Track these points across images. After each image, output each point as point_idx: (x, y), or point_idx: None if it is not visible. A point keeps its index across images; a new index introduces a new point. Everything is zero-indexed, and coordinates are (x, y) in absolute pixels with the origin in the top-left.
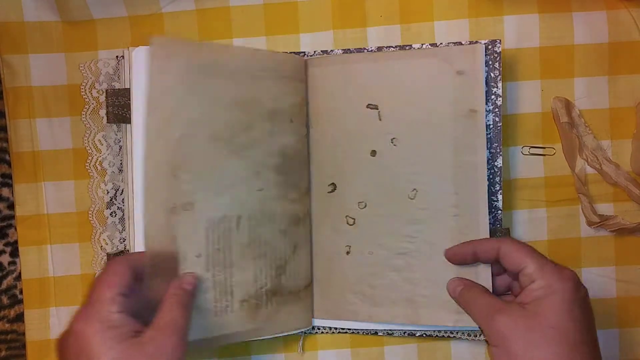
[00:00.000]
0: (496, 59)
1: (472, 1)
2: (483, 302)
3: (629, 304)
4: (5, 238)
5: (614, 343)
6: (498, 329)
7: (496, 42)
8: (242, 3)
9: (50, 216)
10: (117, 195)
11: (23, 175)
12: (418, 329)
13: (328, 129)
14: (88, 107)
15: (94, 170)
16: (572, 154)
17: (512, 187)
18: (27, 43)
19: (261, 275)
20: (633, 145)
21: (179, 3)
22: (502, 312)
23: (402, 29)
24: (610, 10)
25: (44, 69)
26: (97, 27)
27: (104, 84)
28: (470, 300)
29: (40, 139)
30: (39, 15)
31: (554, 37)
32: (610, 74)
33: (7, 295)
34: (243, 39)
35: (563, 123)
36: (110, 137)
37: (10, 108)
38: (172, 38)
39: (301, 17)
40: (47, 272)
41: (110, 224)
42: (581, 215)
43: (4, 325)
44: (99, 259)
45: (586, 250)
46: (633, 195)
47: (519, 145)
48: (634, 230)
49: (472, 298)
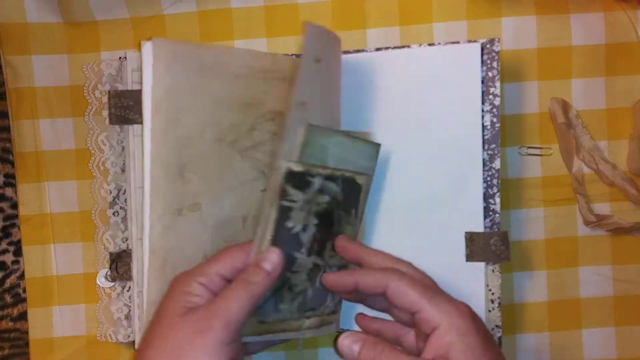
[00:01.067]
0: (494, 58)
1: (471, 3)
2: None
3: (626, 303)
4: (9, 237)
5: (611, 341)
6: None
7: (494, 41)
8: (243, 5)
9: (53, 216)
10: (120, 195)
11: (26, 175)
12: None
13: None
14: (91, 108)
15: (97, 170)
16: (569, 154)
17: (509, 187)
18: (30, 44)
19: None
20: (630, 146)
21: (181, 5)
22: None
23: (401, 30)
24: (607, 11)
25: (46, 70)
26: (100, 28)
27: (107, 85)
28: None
29: (43, 140)
30: (42, 16)
31: (552, 39)
32: (607, 75)
33: (10, 294)
34: (244, 41)
35: (560, 124)
36: (112, 137)
37: (13, 109)
38: (174, 39)
39: (302, 19)
40: (50, 271)
41: (112, 223)
42: (578, 215)
43: (7, 324)
44: (102, 258)
45: (583, 250)
46: (629, 195)
47: (516, 146)
48: (630, 230)
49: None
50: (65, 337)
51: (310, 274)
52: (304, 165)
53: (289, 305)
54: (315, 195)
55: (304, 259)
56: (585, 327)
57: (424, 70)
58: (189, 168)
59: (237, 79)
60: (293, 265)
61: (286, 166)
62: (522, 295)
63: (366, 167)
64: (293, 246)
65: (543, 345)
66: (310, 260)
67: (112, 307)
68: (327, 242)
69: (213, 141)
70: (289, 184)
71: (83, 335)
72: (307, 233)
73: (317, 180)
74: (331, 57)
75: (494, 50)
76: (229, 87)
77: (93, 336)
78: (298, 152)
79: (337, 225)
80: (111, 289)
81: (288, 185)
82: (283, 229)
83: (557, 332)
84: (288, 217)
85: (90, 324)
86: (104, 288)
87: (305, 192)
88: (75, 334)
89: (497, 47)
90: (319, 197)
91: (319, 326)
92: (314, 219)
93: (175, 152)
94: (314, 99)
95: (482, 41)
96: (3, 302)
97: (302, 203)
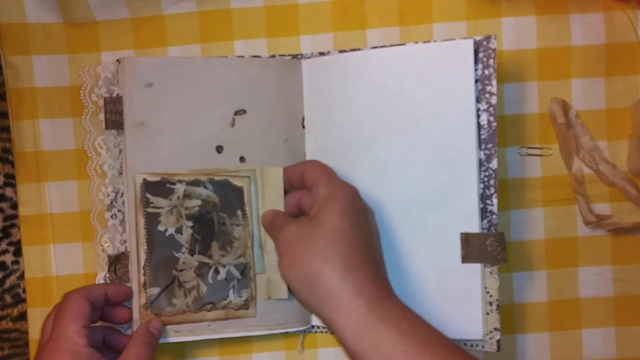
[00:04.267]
0: (490, 55)
1: (470, 3)
2: (279, 221)
3: (626, 303)
4: (9, 237)
5: (611, 341)
6: (283, 239)
7: (490, 38)
8: (243, 5)
9: (53, 216)
10: (118, 197)
11: (26, 175)
12: None
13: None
14: (88, 111)
15: (95, 173)
16: (569, 155)
17: (509, 187)
18: (30, 44)
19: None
20: (629, 146)
21: (181, 5)
22: (289, 224)
23: (400, 30)
24: (607, 12)
25: (46, 70)
26: (100, 28)
27: (103, 88)
28: (274, 225)
29: (43, 140)
30: (42, 17)
31: (552, 39)
32: (607, 75)
33: (10, 294)
34: (244, 41)
35: (560, 124)
36: (109, 140)
37: (13, 109)
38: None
39: (301, 19)
40: (50, 272)
41: (111, 226)
42: (578, 215)
43: (7, 324)
44: (101, 260)
45: (583, 250)
46: (629, 195)
47: (516, 146)
48: (630, 230)
49: (275, 224)
50: None
51: (198, 272)
52: (159, 175)
53: (182, 300)
54: (182, 200)
55: (188, 257)
56: (585, 327)
57: (418, 68)
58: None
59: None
60: (177, 264)
61: (142, 177)
62: (522, 295)
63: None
64: (171, 247)
65: (543, 345)
66: (194, 259)
67: None
68: (211, 242)
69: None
70: (149, 193)
71: None
72: (183, 235)
73: (179, 186)
74: (167, 80)
75: (490, 47)
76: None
77: None
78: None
79: (220, 226)
80: None
81: (148, 193)
82: (156, 232)
83: (557, 332)
84: (157, 221)
85: None
86: None
87: (169, 199)
88: None
89: (494, 45)
90: (186, 201)
91: (225, 319)
92: (187, 221)
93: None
94: (156, 119)
95: (478, 38)
96: (3, 302)
97: (168, 208)
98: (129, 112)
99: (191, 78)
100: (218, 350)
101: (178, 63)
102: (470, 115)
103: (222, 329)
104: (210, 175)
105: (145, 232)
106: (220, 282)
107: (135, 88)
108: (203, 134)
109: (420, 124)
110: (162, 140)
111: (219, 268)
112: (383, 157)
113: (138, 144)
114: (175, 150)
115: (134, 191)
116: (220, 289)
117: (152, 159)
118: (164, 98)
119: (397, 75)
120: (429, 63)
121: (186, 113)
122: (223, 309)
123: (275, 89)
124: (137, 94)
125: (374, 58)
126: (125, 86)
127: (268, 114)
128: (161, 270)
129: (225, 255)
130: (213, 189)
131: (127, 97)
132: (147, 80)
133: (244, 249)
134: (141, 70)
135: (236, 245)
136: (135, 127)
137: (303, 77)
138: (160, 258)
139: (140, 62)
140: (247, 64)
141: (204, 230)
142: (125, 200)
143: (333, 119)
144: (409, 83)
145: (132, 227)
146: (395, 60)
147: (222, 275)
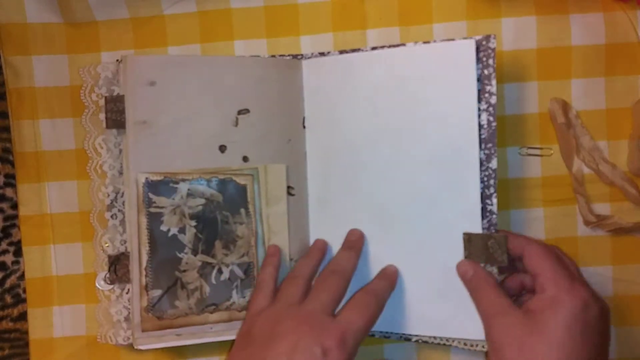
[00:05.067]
0: (490, 55)
1: (470, 3)
2: (488, 299)
3: (626, 303)
4: (9, 237)
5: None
6: (495, 332)
7: (490, 38)
8: (243, 5)
9: (53, 216)
10: (118, 197)
11: (26, 175)
12: (413, 333)
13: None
14: (88, 111)
15: (95, 173)
16: (569, 155)
17: (509, 187)
18: (30, 44)
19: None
20: (629, 146)
21: (181, 5)
22: (502, 315)
23: (401, 31)
24: (607, 12)
25: (47, 70)
26: (100, 28)
27: (103, 87)
28: (476, 290)
29: (43, 140)
30: (42, 16)
31: (551, 39)
32: (607, 75)
33: (10, 294)
34: (244, 41)
35: (560, 124)
36: (110, 140)
37: (13, 109)
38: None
39: (301, 19)
40: (50, 271)
41: (111, 226)
42: (578, 215)
43: (7, 324)
44: (101, 261)
45: (583, 250)
46: (629, 195)
47: (516, 146)
48: (630, 230)
49: (479, 289)
50: (66, 337)
51: (201, 272)
52: (162, 174)
53: (185, 301)
54: (185, 199)
55: (191, 258)
56: None
57: (418, 68)
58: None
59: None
60: (180, 265)
61: (145, 177)
62: None
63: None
64: (173, 247)
65: None
66: (198, 259)
67: (111, 310)
68: (215, 242)
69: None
70: (151, 192)
71: (83, 336)
72: (186, 234)
73: (182, 185)
74: (170, 79)
75: (489, 47)
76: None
77: (93, 336)
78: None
79: (223, 225)
80: (110, 292)
81: (151, 193)
82: (158, 232)
83: None
84: (160, 221)
85: (90, 324)
86: (103, 291)
87: (172, 198)
88: (75, 334)
89: (493, 44)
90: (190, 200)
91: (229, 320)
92: (190, 220)
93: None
94: (158, 118)
95: (477, 38)
96: (3, 303)
97: (171, 208)
98: (131, 110)
99: (194, 77)
100: (218, 351)
101: (181, 61)
102: (472, 115)
103: (224, 331)
104: (214, 174)
105: (147, 233)
106: (223, 282)
107: (138, 86)
108: (206, 133)
109: (421, 124)
110: (164, 139)
111: (222, 268)
112: (383, 157)
113: (140, 143)
114: (178, 149)
115: (136, 191)
116: (224, 289)
117: (154, 158)
118: (166, 97)
119: (397, 75)
120: (430, 63)
121: (189, 112)
122: (226, 310)
123: (278, 89)
124: (140, 93)
125: (374, 58)
126: (127, 84)
127: (271, 113)
128: (163, 271)
129: (228, 254)
130: (217, 187)
131: (129, 96)
132: (149, 79)
133: (248, 248)
134: (144, 69)
135: (239, 244)
136: (137, 126)
137: (303, 78)
138: (162, 259)
139: (142, 60)
140: (250, 63)
141: (207, 230)
142: (125, 200)
143: (333, 119)
144: (410, 83)
145: (134, 228)
146: (396, 61)
147: (225, 275)
